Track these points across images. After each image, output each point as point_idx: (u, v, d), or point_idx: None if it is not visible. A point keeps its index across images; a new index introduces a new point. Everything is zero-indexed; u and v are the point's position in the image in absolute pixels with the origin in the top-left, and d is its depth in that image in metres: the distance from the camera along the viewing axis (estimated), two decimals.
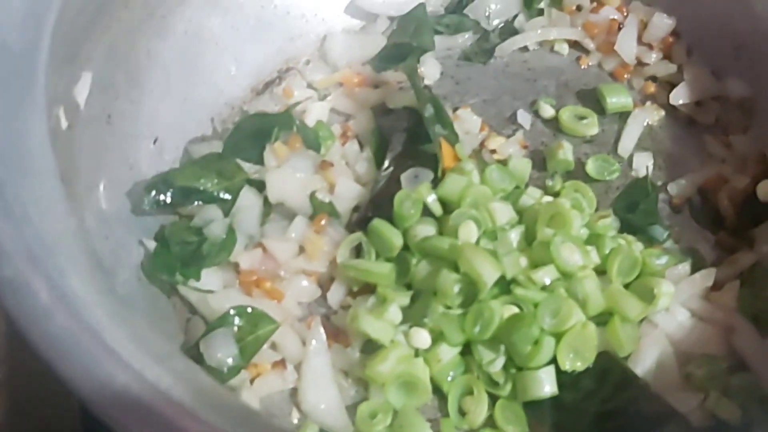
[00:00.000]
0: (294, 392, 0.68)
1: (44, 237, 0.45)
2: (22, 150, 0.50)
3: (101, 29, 0.72)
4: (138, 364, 0.40)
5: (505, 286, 0.69)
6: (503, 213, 0.73)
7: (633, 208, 0.79)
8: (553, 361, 0.65)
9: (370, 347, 0.68)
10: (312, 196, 0.76)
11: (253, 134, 0.78)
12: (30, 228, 0.44)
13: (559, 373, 0.65)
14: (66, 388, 0.61)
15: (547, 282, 0.67)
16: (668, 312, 0.70)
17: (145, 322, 0.48)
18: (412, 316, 0.69)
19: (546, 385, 0.64)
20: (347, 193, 0.77)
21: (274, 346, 0.69)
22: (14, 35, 0.56)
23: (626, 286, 0.70)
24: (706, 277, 0.72)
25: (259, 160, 0.77)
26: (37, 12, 0.58)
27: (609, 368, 0.65)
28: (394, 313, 0.68)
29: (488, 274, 0.66)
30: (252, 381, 0.66)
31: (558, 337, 0.66)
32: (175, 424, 0.37)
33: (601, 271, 0.71)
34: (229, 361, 0.65)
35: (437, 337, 0.67)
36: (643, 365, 0.67)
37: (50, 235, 0.45)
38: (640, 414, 0.61)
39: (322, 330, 0.68)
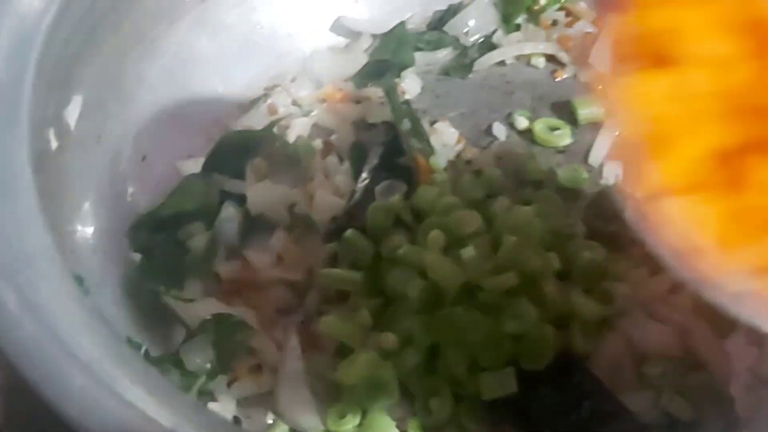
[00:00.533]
0: (270, 394, 0.72)
1: (18, 253, 0.49)
2: (2, 173, 0.55)
3: (91, 54, 0.76)
4: (97, 368, 0.44)
5: (470, 291, 0.72)
6: (471, 222, 0.76)
7: (600, 215, 0.82)
8: (514, 361, 0.69)
9: (344, 352, 0.72)
10: (291, 209, 0.80)
11: (235, 150, 0.82)
12: (4, 244, 0.49)
13: (519, 372, 0.68)
14: None
15: (509, 286, 0.70)
16: (626, 314, 0.73)
17: (111, 331, 0.51)
18: (384, 321, 0.72)
19: (507, 385, 0.68)
20: (325, 205, 0.81)
21: (251, 352, 0.73)
22: None
23: (587, 290, 0.73)
24: (664, 281, 0.75)
25: (241, 175, 0.81)
26: (22, 44, 0.63)
27: (566, 368, 0.68)
28: (365, 317, 0.71)
29: (451, 280, 0.70)
30: (229, 385, 0.70)
31: (518, 339, 0.69)
32: (125, 423, 0.42)
33: (564, 276, 0.74)
34: (207, 366, 0.69)
35: (405, 341, 0.70)
36: (599, 366, 0.69)
37: (25, 251, 0.50)
38: (592, 411, 0.65)
39: (295, 337, 0.71)
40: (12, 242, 0.49)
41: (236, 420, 0.68)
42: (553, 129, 0.90)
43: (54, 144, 0.71)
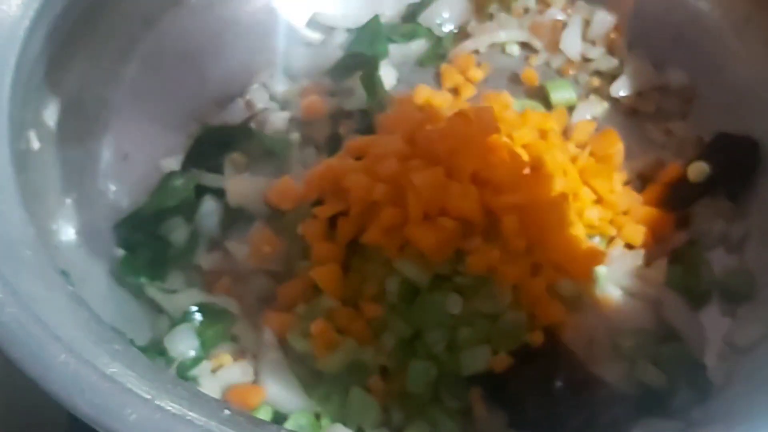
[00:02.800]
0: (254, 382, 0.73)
1: (1, 243, 0.51)
2: None
3: (69, 57, 0.78)
4: (77, 346, 0.46)
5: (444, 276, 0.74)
6: None
7: None
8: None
9: None
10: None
11: (213, 145, 0.84)
12: None
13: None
14: None
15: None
16: (601, 290, 0.75)
17: (92, 315, 0.53)
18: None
19: (483, 360, 0.69)
20: None
21: (235, 339, 0.74)
22: None
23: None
24: (636, 257, 0.77)
25: (219, 170, 0.83)
26: (1, 51, 0.65)
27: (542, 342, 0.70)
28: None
29: (421, 277, 0.72)
30: (214, 371, 0.72)
31: (493, 319, 0.71)
32: (104, 394, 0.43)
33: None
34: (191, 353, 0.71)
35: (382, 326, 0.72)
36: (574, 340, 0.71)
37: (7, 242, 0.52)
38: (566, 381, 0.66)
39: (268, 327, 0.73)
40: None
41: None
42: None
43: (35, 145, 0.72)
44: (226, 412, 0.45)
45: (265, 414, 0.68)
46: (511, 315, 0.71)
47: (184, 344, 0.70)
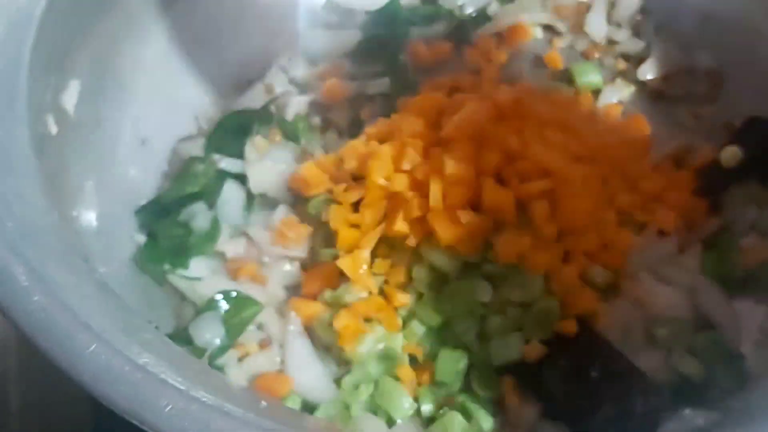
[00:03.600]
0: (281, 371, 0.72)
1: (25, 229, 0.49)
2: (5, 155, 0.55)
3: (86, 40, 0.76)
4: (108, 335, 0.44)
5: (474, 264, 0.72)
6: None
7: None
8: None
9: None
10: None
11: (234, 130, 0.83)
12: (12, 221, 0.49)
13: None
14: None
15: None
16: (634, 278, 0.73)
17: (121, 303, 0.51)
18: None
19: (515, 349, 0.68)
20: None
21: (260, 327, 0.73)
22: None
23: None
24: (669, 243, 0.75)
25: (241, 155, 0.81)
26: (17, 29, 0.63)
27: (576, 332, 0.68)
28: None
29: (451, 265, 0.70)
30: (240, 360, 0.70)
31: (524, 308, 0.69)
32: (140, 385, 0.42)
33: None
34: (216, 341, 0.69)
35: (409, 315, 0.70)
36: (608, 328, 0.69)
37: (31, 227, 0.50)
38: (602, 371, 0.65)
39: (294, 313, 0.71)
40: (19, 219, 0.49)
41: None
42: None
43: (53, 129, 0.71)
44: (263, 403, 0.43)
45: (293, 403, 0.67)
46: (543, 303, 0.69)
47: (210, 333, 0.68)
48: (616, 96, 0.90)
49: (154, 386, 0.42)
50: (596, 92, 0.91)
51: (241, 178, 0.80)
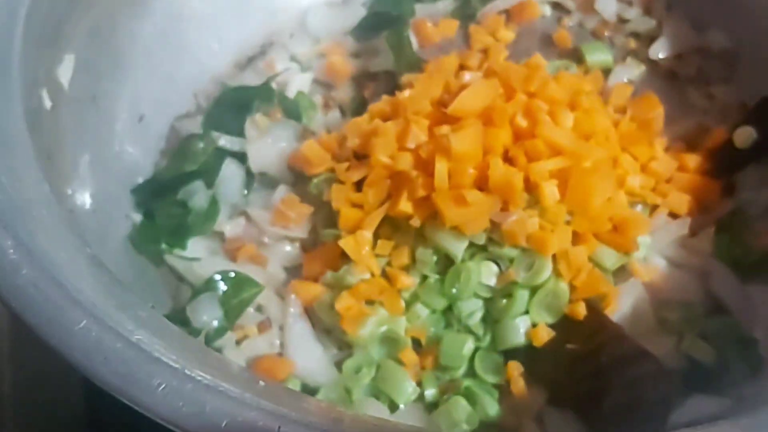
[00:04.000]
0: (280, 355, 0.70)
1: (15, 202, 0.47)
2: None
3: (81, 12, 0.74)
4: (99, 312, 0.42)
5: (480, 245, 0.70)
6: None
7: None
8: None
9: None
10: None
11: (234, 107, 0.80)
12: (1, 194, 0.47)
13: None
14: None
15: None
16: (645, 261, 0.71)
17: (113, 279, 0.49)
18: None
19: (522, 333, 0.66)
20: None
21: (260, 309, 0.71)
22: None
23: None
24: (681, 226, 0.73)
25: (241, 133, 0.79)
26: (9, 3, 0.61)
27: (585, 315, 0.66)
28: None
29: (456, 246, 0.67)
30: (239, 342, 0.68)
31: (532, 290, 0.67)
32: (130, 363, 0.40)
33: None
34: (214, 323, 0.67)
35: (413, 299, 0.68)
36: (619, 312, 0.67)
37: (21, 200, 0.48)
38: (612, 356, 0.63)
39: (294, 296, 0.69)
40: (9, 192, 0.47)
41: None
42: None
43: (48, 104, 0.69)
44: (261, 383, 0.41)
45: (293, 386, 0.65)
46: (551, 286, 0.67)
47: (207, 314, 0.66)
48: (627, 75, 0.88)
49: (147, 364, 0.40)
50: (606, 71, 0.88)
51: (241, 157, 0.78)
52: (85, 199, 0.70)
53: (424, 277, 0.69)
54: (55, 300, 0.42)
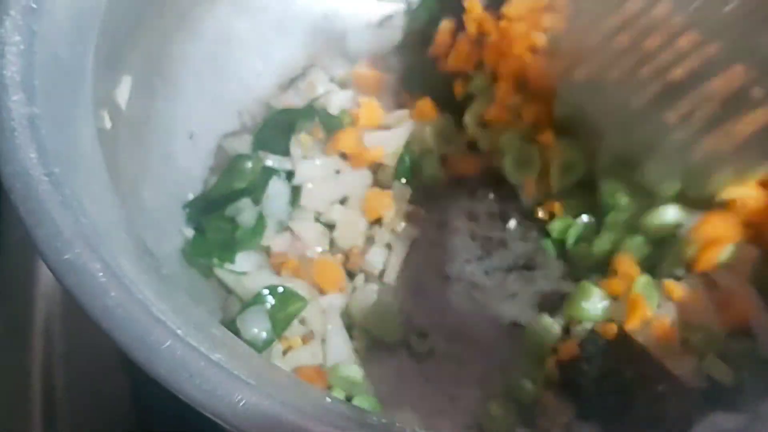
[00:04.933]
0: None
1: (98, 225, 0.51)
2: (75, 151, 0.57)
3: (139, 37, 0.78)
4: (181, 331, 0.46)
5: None
6: None
7: None
8: None
9: None
10: None
11: (280, 128, 0.85)
12: (86, 218, 0.51)
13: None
14: (120, 363, 0.68)
15: None
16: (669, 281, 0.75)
17: (187, 299, 0.54)
18: None
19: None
20: None
21: (303, 321, 0.75)
22: (63, 47, 0.62)
23: None
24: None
25: (287, 152, 0.84)
26: (82, 25, 0.65)
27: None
28: None
29: None
30: (284, 353, 0.73)
31: None
32: (213, 380, 0.44)
33: None
34: (263, 335, 0.71)
35: None
36: (642, 332, 0.71)
37: (103, 223, 0.52)
38: (635, 375, 0.67)
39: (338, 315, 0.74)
40: (92, 216, 0.51)
41: None
42: None
43: (108, 124, 0.72)
44: (328, 400, 0.45)
45: (338, 394, 0.69)
46: None
47: (257, 326, 0.71)
48: None
49: (228, 381, 0.45)
50: None
51: (287, 175, 0.82)
52: (141, 214, 0.74)
53: None
54: (141, 320, 0.46)
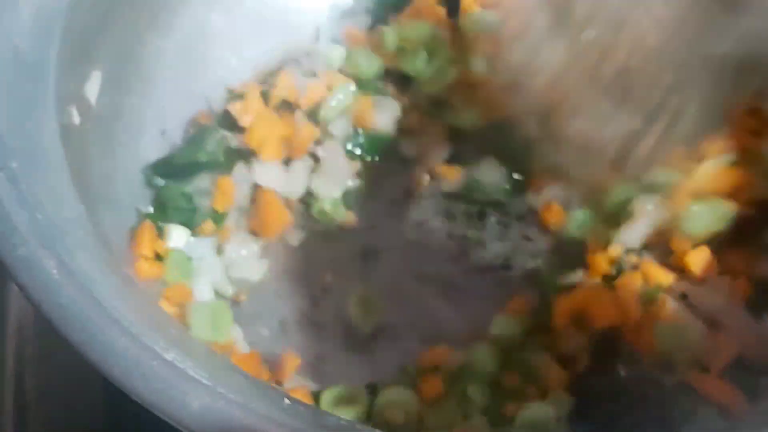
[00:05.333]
0: None
1: (55, 222, 0.50)
2: (34, 147, 0.55)
3: (109, 31, 0.76)
4: (136, 331, 0.45)
5: None
6: None
7: None
8: None
9: None
10: None
11: None
12: (42, 214, 0.50)
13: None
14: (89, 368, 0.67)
15: None
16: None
17: (146, 297, 0.53)
18: None
19: None
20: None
21: None
22: (26, 42, 0.61)
23: None
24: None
25: None
26: (46, 19, 0.63)
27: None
28: None
29: None
30: None
31: None
32: (168, 381, 0.43)
33: None
34: None
35: None
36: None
37: (60, 220, 0.51)
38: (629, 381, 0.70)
39: None
40: (49, 212, 0.50)
41: None
42: None
43: (77, 120, 0.71)
44: (286, 401, 0.44)
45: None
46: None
47: None
48: None
49: (183, 382, 0.43)
50: None
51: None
52: (111, 211, 0.73)
53: None
54: (96, 319, 0.45)
